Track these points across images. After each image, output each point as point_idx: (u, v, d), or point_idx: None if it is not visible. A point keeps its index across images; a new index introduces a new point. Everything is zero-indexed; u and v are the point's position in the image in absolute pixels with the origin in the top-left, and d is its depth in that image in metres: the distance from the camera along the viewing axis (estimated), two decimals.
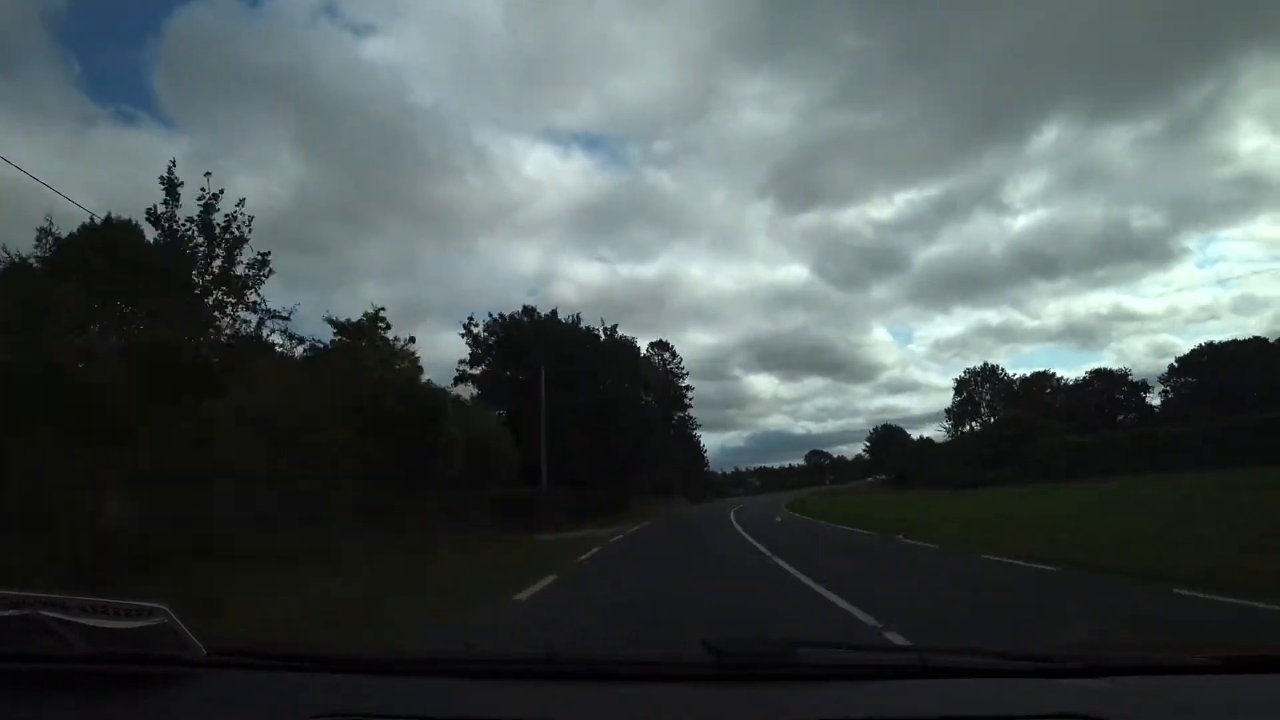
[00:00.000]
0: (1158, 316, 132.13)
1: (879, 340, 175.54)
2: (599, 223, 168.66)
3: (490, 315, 41.22)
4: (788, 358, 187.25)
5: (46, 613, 1.23)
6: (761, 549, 14.35)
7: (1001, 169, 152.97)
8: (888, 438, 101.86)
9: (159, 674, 1.33)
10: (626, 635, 5.95)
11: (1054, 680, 1.31)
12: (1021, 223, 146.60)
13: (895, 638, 5.36)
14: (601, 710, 1.27)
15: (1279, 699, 1.24)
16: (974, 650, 1.45)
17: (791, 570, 10.40)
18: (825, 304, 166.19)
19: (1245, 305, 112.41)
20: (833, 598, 7.46)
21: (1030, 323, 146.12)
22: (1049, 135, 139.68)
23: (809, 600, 7.69)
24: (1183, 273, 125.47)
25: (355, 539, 13.30)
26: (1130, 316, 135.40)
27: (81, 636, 1.25)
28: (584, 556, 14.09)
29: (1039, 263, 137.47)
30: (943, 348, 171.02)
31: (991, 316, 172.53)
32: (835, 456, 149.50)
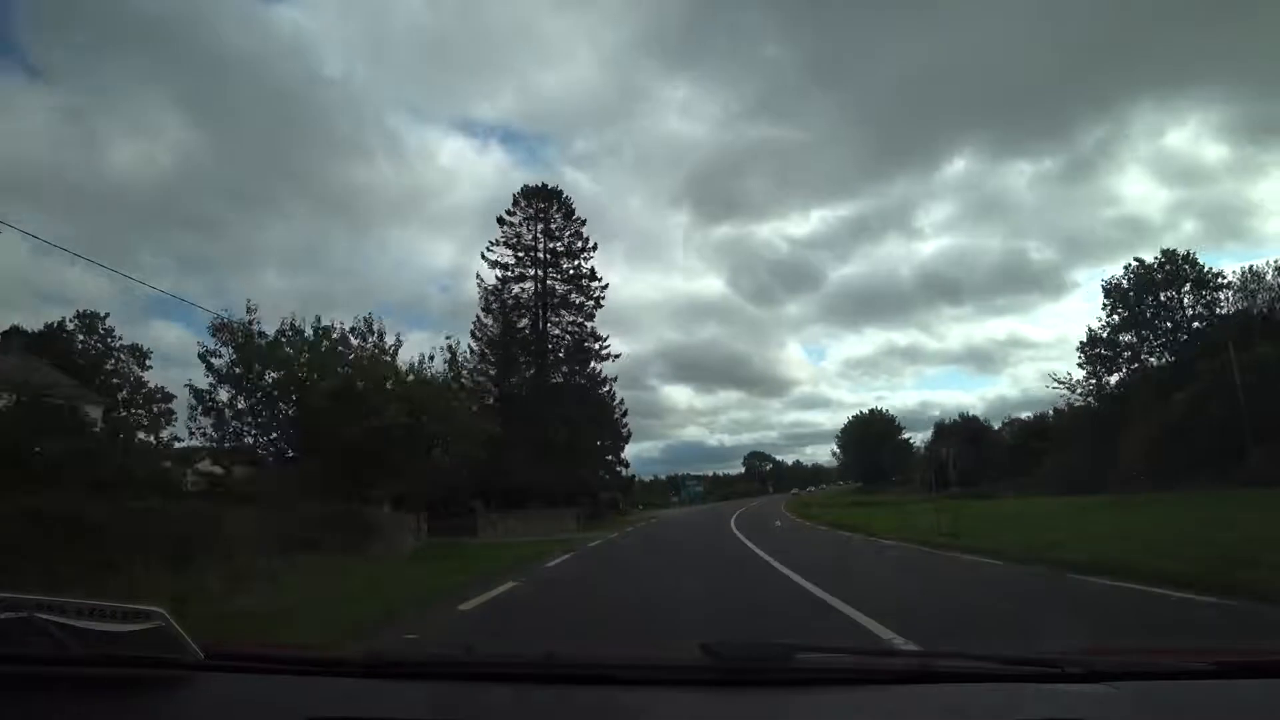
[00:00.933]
0: (1049, 344, 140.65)
1: (793, 356, 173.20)
2: None
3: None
4: (703, 370, 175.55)
5: (43, 615, 1.23)
6: None
7: (913, 195, 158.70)
8: (874, 430, 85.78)
9: (156, 677, 1.32)
10: (625, 638, 5.94)
11: (1054, 685, 1.31)
12: (929, 248, 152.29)
13: None
14: (600, 713, 1.27)
15: (1274, 703, 1.23)
16: (973, 655, 1.45)
17: None
18: (741, 318, 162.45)
19: None
20: None
21: (935, 345, 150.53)
22: (958, 165, 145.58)
23: None
24: (1072, 304, 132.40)
25: None
26: (1025, 344, 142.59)
27: (78, 639, 1.25)
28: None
29: (945, 288, 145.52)
30: (853, 366, 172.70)
31: (899, 338, 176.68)
32: (777, 460, 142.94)
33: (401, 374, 19.53)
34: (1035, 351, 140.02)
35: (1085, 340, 46.61)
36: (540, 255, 41.07)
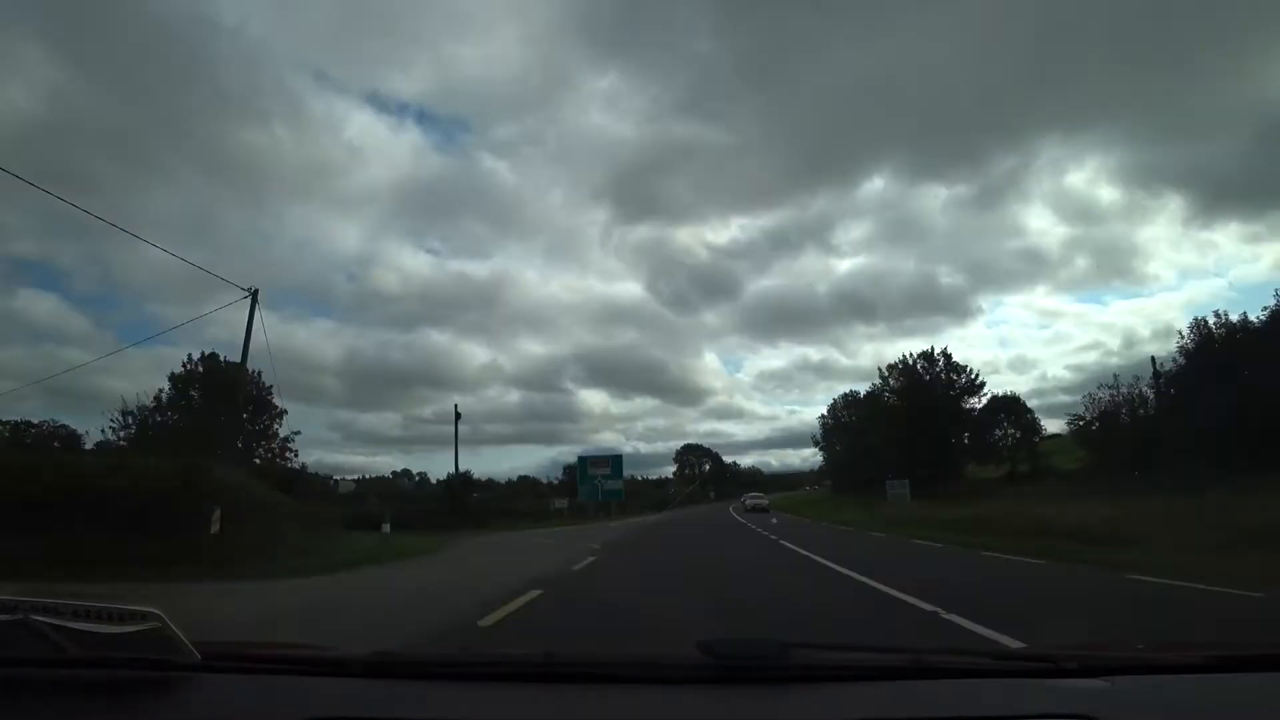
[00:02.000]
0: (953, 368, 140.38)
1: (709, 366, 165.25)
2: (430, 209, 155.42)
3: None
4: (619, 375, 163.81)
5: (39, 617, 1.23)
6: None
7: (833, 211, 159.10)
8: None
9: (152, 679, 1.32)
10: (622, 637, 5.91)
11: (1050, 680, 1.31)
12: (846, 266, 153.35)
13: None
14: (599, 712, 1.27)
15: (1274, 698, 1.24)
16: (970, 650, 1.46)
17: None
18: (658, 324, 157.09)
19: (1019, 364, 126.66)
20: None
21: (847, 362, 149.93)
22: (877, 184, 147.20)
23: None
24: (975, 330, 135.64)
25: None
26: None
27: (74, 641, 1.25)
28: None
29: (858, 306, 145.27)
30: (767, 379, 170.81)
31: (813, 353, 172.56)
32: (729, 462, 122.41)
33: None
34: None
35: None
36: None
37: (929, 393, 51.23)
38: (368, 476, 56.02)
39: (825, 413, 70.44)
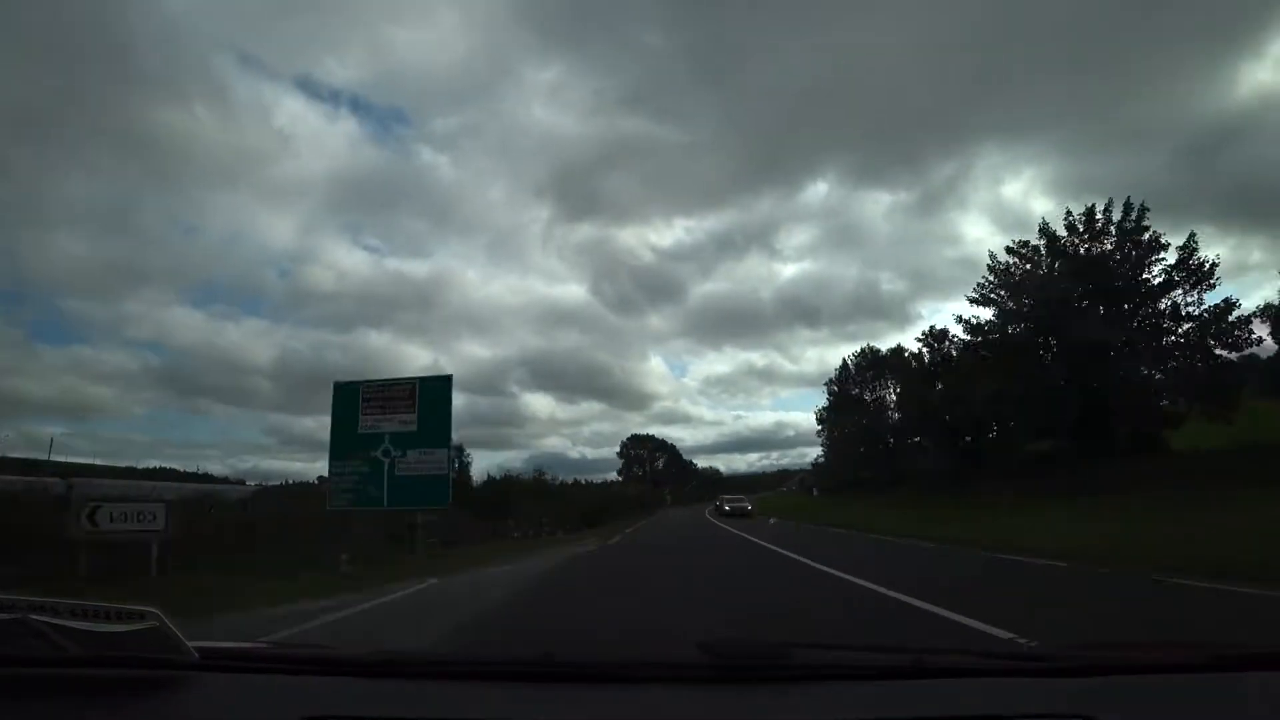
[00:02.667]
0: None
1: (655, 370, 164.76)
2: (367, 204, 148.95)
3: None
4: (565, 379, 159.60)
5: (36, 616, 1.23)
6: None
7: (777, 215, 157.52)
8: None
9: (150, 677, 1.32)
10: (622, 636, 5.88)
11: (1048, 680, 1.32)
12: (790, 271, 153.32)
13: None
14: (597, 712, 1.27)
15: (1271, 697, 1.24)
16: (968, 650, 1.46)
17: None
18: (602, 327, 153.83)
19: None
20: None
21: (791, 367, 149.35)
22: (820, 189, 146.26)
23: None
24: (915, 336, 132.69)
25: None
26: None
27: (72, 640, 1.25)
28: None
29: (802, 311, 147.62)
30: (713, 384, 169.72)
31: (758, 358, 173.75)
32: (692, 461, 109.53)
33: None
34: None
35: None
36: None
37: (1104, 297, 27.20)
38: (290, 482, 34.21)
39: (832, 382, 54.59)
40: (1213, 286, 25.95)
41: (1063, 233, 29.02)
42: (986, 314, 31.08)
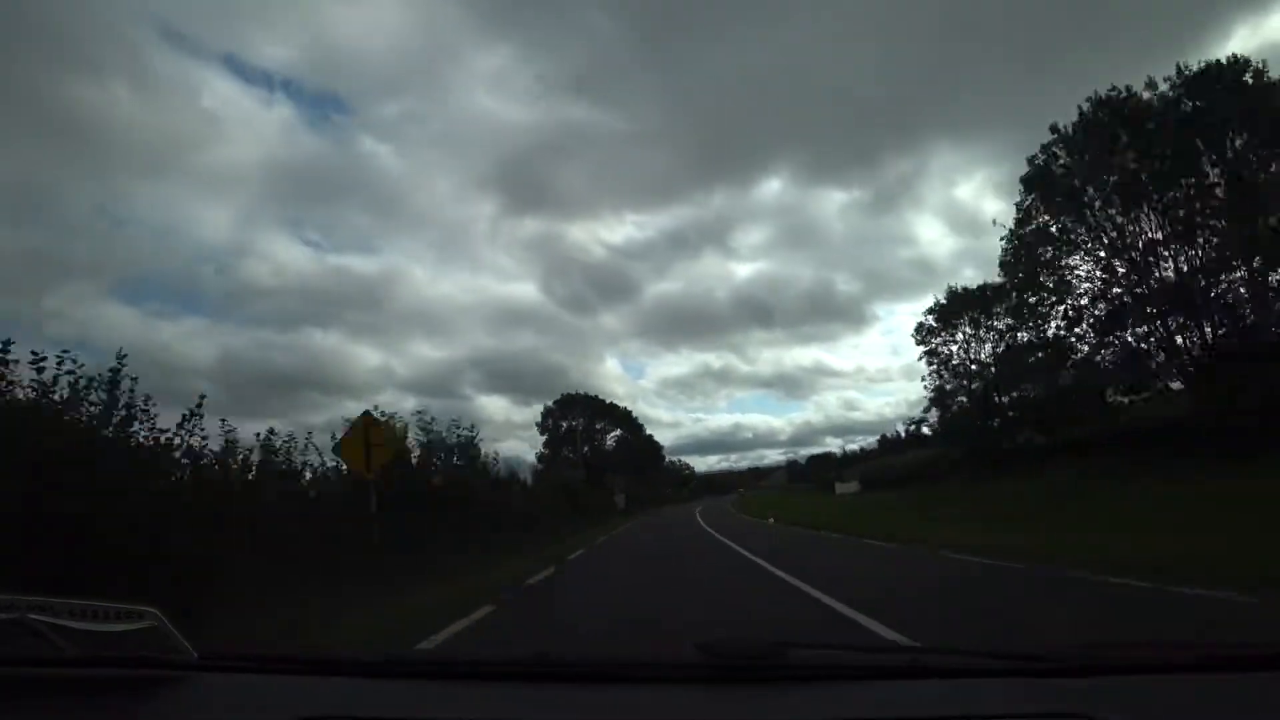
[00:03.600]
0: (848, 374, 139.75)
1: (611, 372, 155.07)
2: (307, 196, 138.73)
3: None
4: (520, 381, 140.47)
5: (35, 616, 1.23)
6: None
7: (731, 212, 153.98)
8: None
9: (150, 677, 1.32)
10: (619, 636, 5.84)
11: (1046, 680, 1.31)
12: (745, 271, 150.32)
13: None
14: (594, 712, 1.27)
15: (1269, 698, 1.24)
16: (966, 650, 1.46)
17: None
18: (557, 327, 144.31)
19: (911, 372, 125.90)
20: None
21: (746, 368, 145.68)
22: (774, 186, 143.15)
23: None
24: (869, 338, 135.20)
25: None
26: (829, 372, 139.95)
27: (71, 640, 1.25)
28: None
29: (757, 312, 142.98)
30: (670, 385, 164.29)
31: (714, 360, 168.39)
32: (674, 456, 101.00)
33: None
34: (838, 380, 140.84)
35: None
36: None
37: None
38: None
39: (931, 319, 39.01)
40: None
41: None
42: None
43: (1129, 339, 27.01)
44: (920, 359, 40.63)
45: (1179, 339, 25.38)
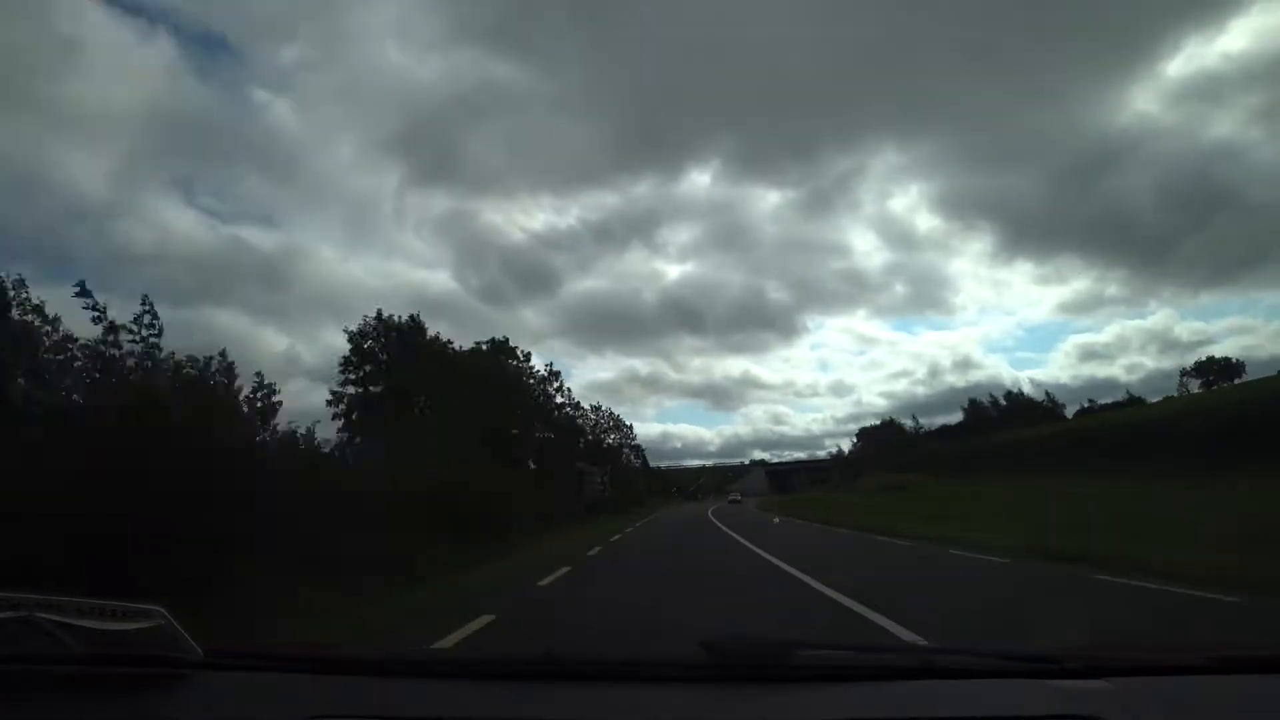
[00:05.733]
0: (777, 387, 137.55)
1: (535, 373, 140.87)
2: (196, 151, 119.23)
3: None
4: None
5: (43, 614, 1.23)
6: None
7: (659, 205, 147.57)
8: None
9: (156, 676, 1.33)
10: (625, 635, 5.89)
11: (1054, 681, 1.31)
12: (674, 272, 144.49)
13: None
14: (601, 711, 1.27)
15: (1278, 700, 1.23)
16: (974, 651, 1.45)
17: None
18: (475, 321, 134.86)
19: (839, 388, 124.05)
20: None
21: (675, 376, 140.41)
22: (704, 179, 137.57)
23: None
24: (799, 351, 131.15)
25: None
26: (757, 384, 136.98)
27: (78, 638, 1.25)
28: None
29: (687, 317, 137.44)
30: (596, 390, 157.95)
31: (641, 366, 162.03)
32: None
33: None
34: (766, 393, 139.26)
35: None
36: None
37: None
38: None
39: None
40: None
41: None
42: None
43: None
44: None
45: None
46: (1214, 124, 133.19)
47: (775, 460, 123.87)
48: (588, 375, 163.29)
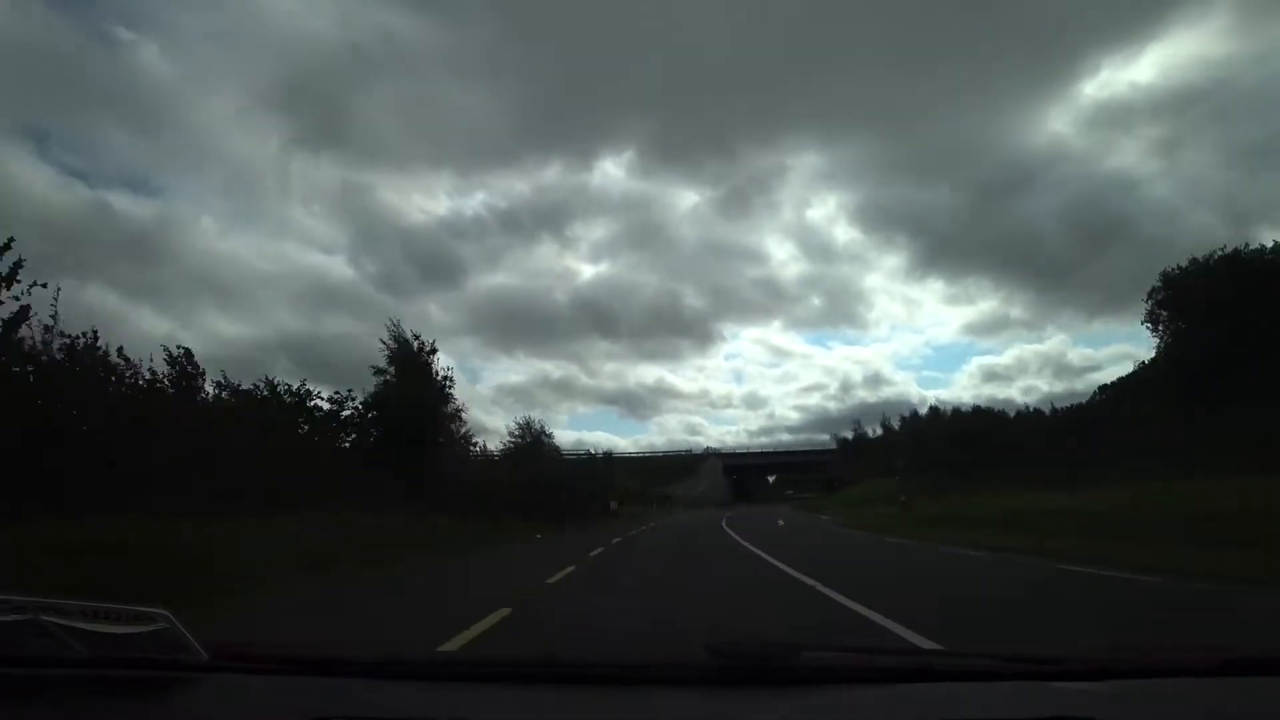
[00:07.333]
0: (692, 396, 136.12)
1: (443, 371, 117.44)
2: (44, 102, 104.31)
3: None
4: (338, 373, 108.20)
5: (47, 617, 1.23)
6: None
7: (571, 196, 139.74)
8: None
9: (161, 678, 1.33)
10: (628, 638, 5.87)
11: (1056, 683, 1.31)
12: (587, 272, 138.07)
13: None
14: (604, 714, 1.27)
15: (1279, 702, 1.24)
16: (977, 653, 1.46)
17: None
18: (376, 313, 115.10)
19: (753, 400, 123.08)
20: None
21: (588, 381, 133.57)
22: (618, 172, 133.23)
23: None
24: (714, 360, 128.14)
25: None
26: (672, 393, 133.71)
27: (83, 641, 1.25)
28: None
29: (600, 320, 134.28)
30: (507, 393, 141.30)
31: (553, 369, 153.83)
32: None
33: None
34: (681, 403, 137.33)
35: None
36: None
37: None
38: None
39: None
40: None
41: None
42: None
43: None
44: None
45: None
46: (1119, 152, 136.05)
47: (743, 451, 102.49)
48: (499, 377, 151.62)
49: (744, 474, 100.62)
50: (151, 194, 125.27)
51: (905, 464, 46.78)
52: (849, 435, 73.98)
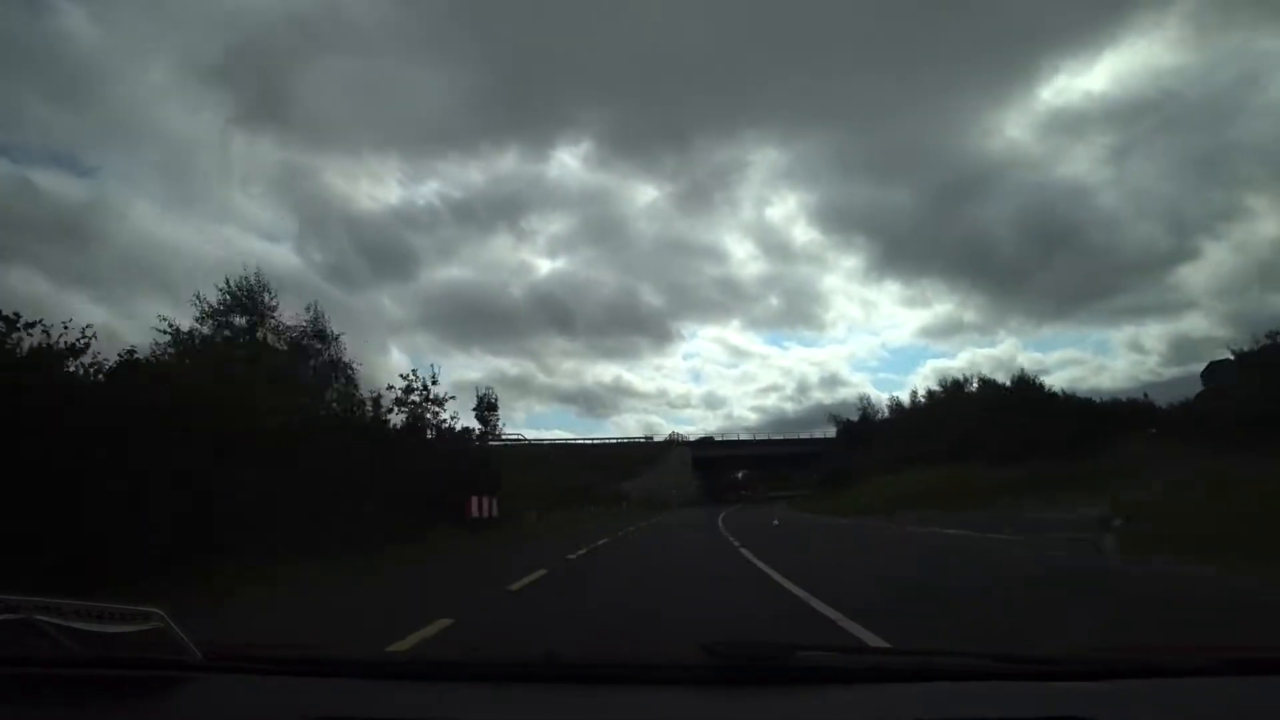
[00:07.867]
0: (650, 396, 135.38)
1: (399, 366, 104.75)
2: None
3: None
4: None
5: (41, 617, 1.23)
6: None
7: (526, 187, 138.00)
8: None
9: (155, 678, 1.33)
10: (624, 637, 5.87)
11: (1054, 683, 1.31)
12: (544, 267, 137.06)
13: None
14: (601, 713, 1.27)
15: (1279, 701, 1.23)
16: (974, 653, 1.45)
17: None
18: (324, 303, 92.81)
19: (711, 400, 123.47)
20: None
21: (545, 379, 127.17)
22: (574, 164, 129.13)
23: None
24: (673, 359, 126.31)
25: None
26: (630, 392, 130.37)
27: (77, 641, 1.25)
28: None
29: (557, 317, 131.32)
30: (464, 391, 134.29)
31: (510, 366, 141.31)
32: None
33: None
34: (639, 402, 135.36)
35: None
36: None
37: None
38: None
39: None
40: None
41: None
42: None
43: None
44: None
45: None
46: (1072, 159, 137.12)
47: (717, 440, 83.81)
48: (456, 374, 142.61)
49: (717, 467, 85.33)
50: (83, 174, 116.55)
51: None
52: (853, 419, 69.26)
